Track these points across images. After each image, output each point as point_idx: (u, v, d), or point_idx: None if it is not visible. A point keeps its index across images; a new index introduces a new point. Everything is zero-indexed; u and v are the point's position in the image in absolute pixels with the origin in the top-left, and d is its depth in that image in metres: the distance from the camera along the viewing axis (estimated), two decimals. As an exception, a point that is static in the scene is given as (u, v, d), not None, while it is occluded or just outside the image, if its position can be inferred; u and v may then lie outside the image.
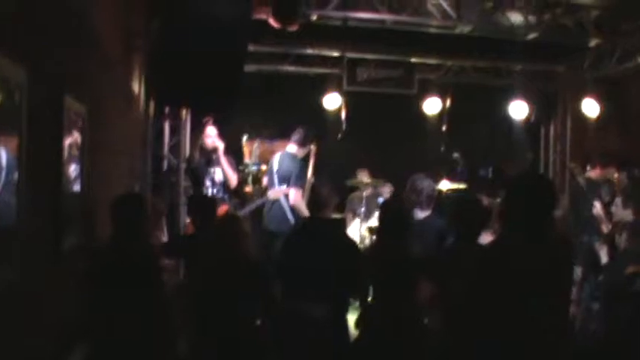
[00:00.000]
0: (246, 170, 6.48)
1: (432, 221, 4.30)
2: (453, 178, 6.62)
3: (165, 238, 4.83)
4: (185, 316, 3.38)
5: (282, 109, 7.00)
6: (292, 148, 5.51)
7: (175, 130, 6.23)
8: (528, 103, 7.55)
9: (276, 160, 5.58)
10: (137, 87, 4.79)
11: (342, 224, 6.23)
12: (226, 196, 5.79)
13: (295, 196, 5.25)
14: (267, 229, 5.31)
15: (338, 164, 7.28)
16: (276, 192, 5.38)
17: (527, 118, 7.64)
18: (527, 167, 7.87)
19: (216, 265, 3.39)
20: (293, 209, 5.30)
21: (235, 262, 3.37)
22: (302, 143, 5.50)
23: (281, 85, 7.24)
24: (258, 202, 5.56)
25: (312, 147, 5.97)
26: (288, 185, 5.35)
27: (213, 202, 4.51)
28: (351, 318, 3.65)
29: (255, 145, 6.66)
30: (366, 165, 7.30)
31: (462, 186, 6.45)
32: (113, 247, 3.14)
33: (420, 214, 4.37)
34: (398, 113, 7.62)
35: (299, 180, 5.35)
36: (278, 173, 5.48)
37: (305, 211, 5.00)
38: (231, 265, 3.38)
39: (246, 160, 6.78)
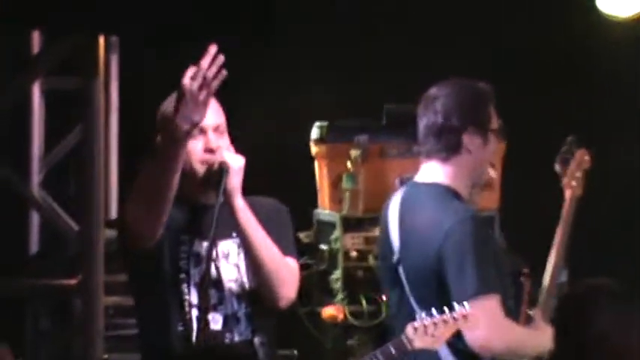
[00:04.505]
0: (325, 244, 4.98)
1: None
2: None
3: None
4: None
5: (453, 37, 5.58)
6: (434, 170, 3.85)
7: (70, 116, 4.37)
8: None
9: (393, 222, 3.86)
10: None
11: None
12: (258, 339, 3.70)
13: (486, 328, 3.65)
14: None
15: None
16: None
17: None
18: None
19: None
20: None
21: None
22: (452, 145, 3.80)
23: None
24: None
25: (579, 153, 4.13)
26: (444, 299, 3.68)
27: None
28: None
29: (355, 154, 4.94)
30: None
31: None
32: None
33: None
34: None
35: (481, 276, 3.63)
36: (406, 272, 3.80)
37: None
38: None
39: (323, 208, 5.06)
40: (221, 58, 3.24)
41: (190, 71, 3.22)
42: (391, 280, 3.78)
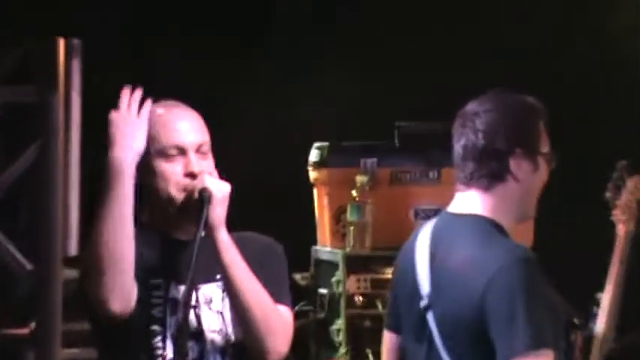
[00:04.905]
0: (326, 288, 4.82)
1: None
2: None
3: None
4: None
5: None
6: (472, 200, 3.48)
7: (24, 134, 3.81)
8: None
9: (421, 261, 3.46)
10: None
11: None
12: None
13: None
14: None
15: None
16: None
17: None
18: None
19: None
20: None
21: None
22: (496, 171, 3.43)
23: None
24: None
25: (632, 181, 3.98)
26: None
27: None
28: None
29: (361, 181, 4.74)
30: None
31: None
32: None
33: None
34: None
35: (533, 329, 3.24)
36: (437, 321, 3.42)
37: None
38: None
39: (323, 244, 4.86)
40: (139, 91, 3.26)
41: (114, 112, 3.23)
42: (416, 329, 3.38)
